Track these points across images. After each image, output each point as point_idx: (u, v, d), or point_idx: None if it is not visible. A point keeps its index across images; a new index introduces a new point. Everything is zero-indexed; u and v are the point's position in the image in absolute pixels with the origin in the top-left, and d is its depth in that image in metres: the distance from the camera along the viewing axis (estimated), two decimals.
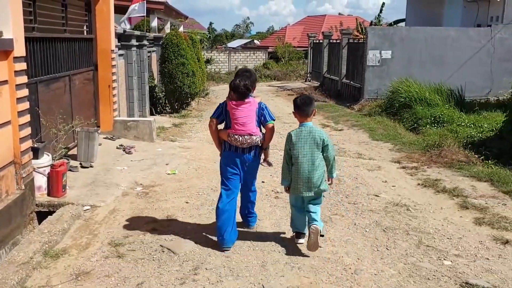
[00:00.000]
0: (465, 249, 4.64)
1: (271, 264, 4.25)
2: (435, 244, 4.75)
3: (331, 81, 19.14)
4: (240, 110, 4.45)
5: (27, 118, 5.19)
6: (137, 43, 11.36)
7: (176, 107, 13.59)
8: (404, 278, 4.06)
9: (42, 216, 5.30)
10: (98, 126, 8.42)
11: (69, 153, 7.27)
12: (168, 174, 7.04)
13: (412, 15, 20.54)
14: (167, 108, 13.71)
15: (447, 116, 10.67)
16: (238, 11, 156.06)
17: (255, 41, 43.52)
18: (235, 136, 4.47)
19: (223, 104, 4.59)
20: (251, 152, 4.57)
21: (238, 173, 4.60)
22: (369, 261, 4.34)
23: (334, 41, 20.10)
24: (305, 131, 4.40)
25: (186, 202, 5.82)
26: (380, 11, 25.97)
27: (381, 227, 5.15)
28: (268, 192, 6.26)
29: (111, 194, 5.96)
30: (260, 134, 4.56)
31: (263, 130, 4.63)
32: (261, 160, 4.80)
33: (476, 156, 7.95)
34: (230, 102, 4.48)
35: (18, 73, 4.95)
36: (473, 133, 9.38)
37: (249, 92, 4.47)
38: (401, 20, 23.03)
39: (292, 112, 4.57)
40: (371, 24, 25.20)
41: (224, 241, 4.49)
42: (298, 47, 32.36)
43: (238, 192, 4.70)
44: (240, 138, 4.46)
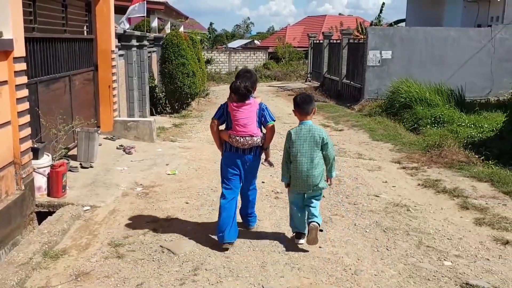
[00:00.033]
0: (466, 250, 4.64)
1: (271, 265, 4.25)
2: (435, 244, 4.74)
3: (331, 81, 19.13)
4: (241, 111, 4.46)
5: (27, 118, 5.19)
6: (137, 44, 11.35)
7: (176, 107, 13.59)
8: (404, 278, 4.06)
9: (42, 216, 5.29)
10: (98, 127, 8.42)
11: (69, 153, 7.27)
12: (168, 174, 7.03)
13: (412, 15, 20.52)
14: (167, 109, 13.71)
15: (448, 116, 10.66)
16: (238, 11, 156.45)
17: (256, 41, 43.52)
18: (236, 138, 4.48)
19: (224, 105, 4.61)
20: (251, 153, 4.59)
21: (238, 174, 4.63)
22: (369, 262, 4.34)
23: (334, 41, 20.08)
24: (305, 129, 4.41)
25: (186, 203, 5.82)
26: (380, 11, 26.04)
27: (381, 227, 5.14)
28: (268, 192, 6.25)
29: (111, 195, 5.96)
30: (261, 134, 4.58)
31: (263, 130, 4.65)
32: (262, 160, 4.81)
33: (477, 156, 7.95)
34: (231, 103, 4.49)
35: (18, 73, 4.95)
36: (473, 134, 9.37)
37: (250, 93, 4.48)
38: (401, 20, 23.03)
39: (292, 110, 4.59)
40: (371, 24, 25.23)
41: (224, 238, 4.50)
42: (298, 47, 32.32)
43: (239, 192, 4.72)
44: (241, 140, 4.47)
